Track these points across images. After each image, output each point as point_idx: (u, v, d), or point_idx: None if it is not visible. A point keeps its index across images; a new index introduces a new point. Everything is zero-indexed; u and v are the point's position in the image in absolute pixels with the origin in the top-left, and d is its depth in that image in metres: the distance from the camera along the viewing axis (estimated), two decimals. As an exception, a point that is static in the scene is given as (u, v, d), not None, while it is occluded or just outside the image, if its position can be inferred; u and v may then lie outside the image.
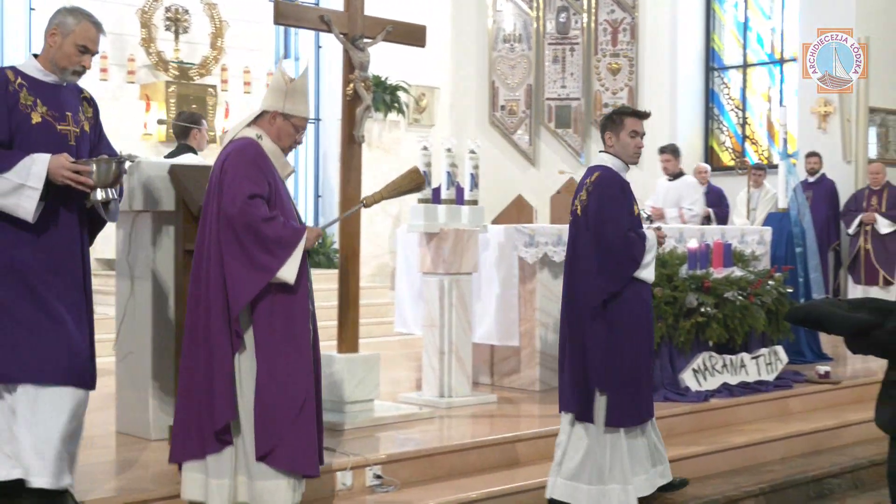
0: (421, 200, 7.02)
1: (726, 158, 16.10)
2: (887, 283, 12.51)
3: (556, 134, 15.75)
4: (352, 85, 6.66)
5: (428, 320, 7.14)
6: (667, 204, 10.14)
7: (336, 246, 11.06)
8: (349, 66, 6.68)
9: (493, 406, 7.16)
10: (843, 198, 13.24)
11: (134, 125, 12.20)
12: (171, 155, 8.31)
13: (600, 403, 5.56)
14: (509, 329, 7.69)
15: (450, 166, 7.16)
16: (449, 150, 7.17)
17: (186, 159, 7.73)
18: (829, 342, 9.49)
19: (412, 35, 7.04)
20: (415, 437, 6.21)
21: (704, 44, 16.36)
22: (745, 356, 7.81)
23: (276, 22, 6.59)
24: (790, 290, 8.27)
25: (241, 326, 4.74)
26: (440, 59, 15.11)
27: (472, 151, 7.32)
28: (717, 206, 12.69)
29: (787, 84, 15.49)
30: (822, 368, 8.41)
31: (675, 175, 10.34)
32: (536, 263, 7.67)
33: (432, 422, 6.62)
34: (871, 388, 4.84)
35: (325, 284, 9.05)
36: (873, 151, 13.70)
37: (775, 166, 10.51)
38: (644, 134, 5.80)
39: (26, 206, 4.45)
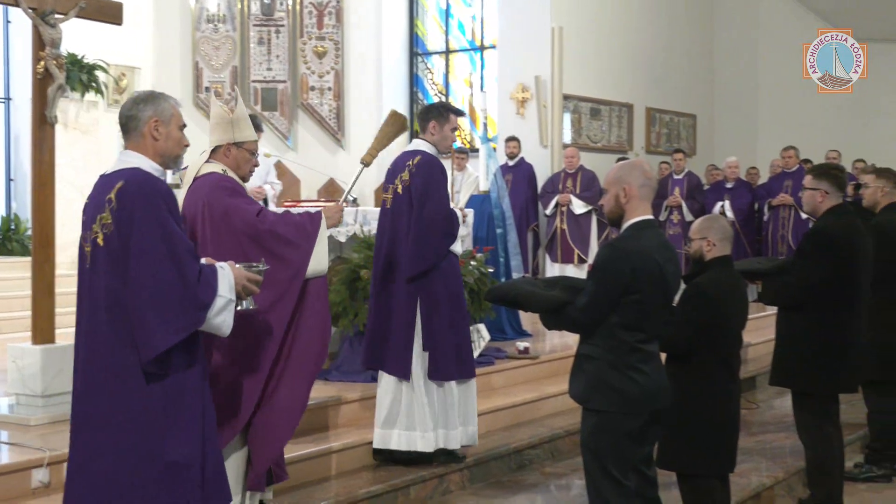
0: (120, 184, 6.74)
1: (431, 142, 16.44)
2: (581, 261, 13.14)
3: (262, 117, 15.58)
4: (42, 63, 6.31)
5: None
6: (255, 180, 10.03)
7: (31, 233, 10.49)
8: (39, 43, 6.33)
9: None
10: (541, 180, 13.78)
11: None
12: None
13: (419, 361, 6.22)
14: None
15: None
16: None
17: None
18: (529, 319, 9.85)
19: (108, 12, 6.76)
20: (117, 429, 5.99)
21: (408, 29, 16.65)
22: (450, 335, 7.97)
23: (-44, -7, 6.17)
24: (491, 270, 8.50)
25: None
26: (141, 38, 14.59)
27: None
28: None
29: (488, 70, 16.00)
30: (522, 344, 8.73)
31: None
32: (243, 247, 7.54)
33: (136, 412, 6.40)
34: (567, 361, 5.07)
35: (19, 273, 8.58)
36: (568, 136, 14.36)
37: (477, 150, 10.80)
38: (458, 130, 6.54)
39: (230, 321, 4.03)
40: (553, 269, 13.31)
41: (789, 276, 5.98)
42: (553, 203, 13.37)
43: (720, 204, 13.66)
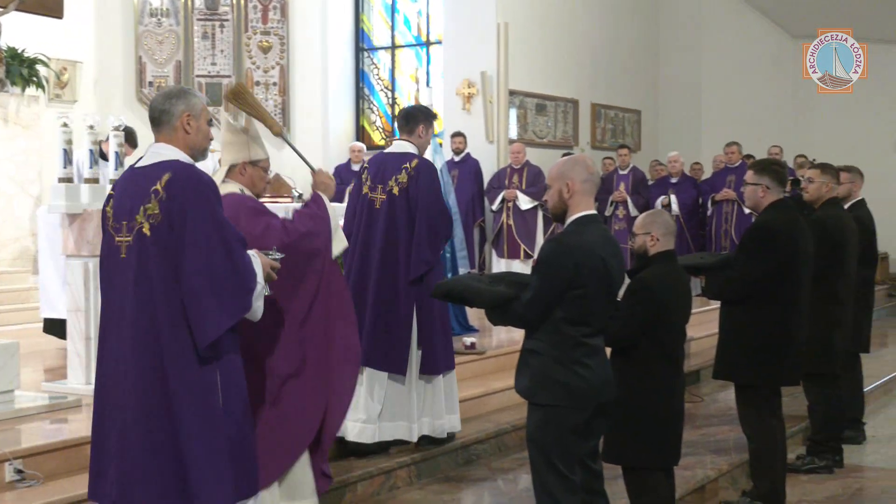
0: (62, 180, 6.67)
1: (377, 138, 16.43)
2: (528, 256, 13.17)
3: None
4: (-18, 57, 6.24)
5: (73, 305, 6.81)
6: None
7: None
8: (-22, 37, 6.25)
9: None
10: (487, 176, 13.80)
11: None
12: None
13: (415, 356, 6.44)
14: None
15: (93, 144, 6.85)
16: (92, 127, 6.87)
17: None
18: (475, 314, 9.86)
19: (48, 5, 6.68)
20: (60, 428, 5.94)
21: (354, 25, 16.59)
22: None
23: None
24: (438, 266, 8.51)
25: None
26: (83, 32, 14.43)
27: (118, 128, 7.04)
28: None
29: (434, 66, 16.00)
30: (469, 340, 8.72)
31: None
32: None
33: (79, 410, 6.31)
34: (513, 356, 5.07)
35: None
36: (514, 132, 14.39)
37: (423, 145, 10.78)
38: None
39: (262, 306, 4.22)
40: (499, 265, 13.34)
41: (732, 271, 6.03)
42: (499, 199, 13.39)
43: (662, 198, 13.75)
